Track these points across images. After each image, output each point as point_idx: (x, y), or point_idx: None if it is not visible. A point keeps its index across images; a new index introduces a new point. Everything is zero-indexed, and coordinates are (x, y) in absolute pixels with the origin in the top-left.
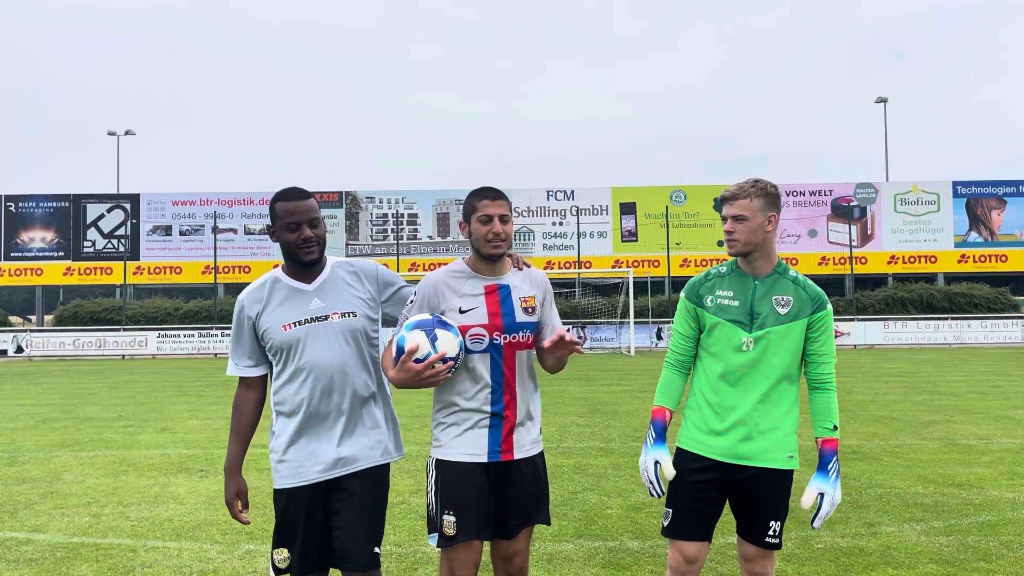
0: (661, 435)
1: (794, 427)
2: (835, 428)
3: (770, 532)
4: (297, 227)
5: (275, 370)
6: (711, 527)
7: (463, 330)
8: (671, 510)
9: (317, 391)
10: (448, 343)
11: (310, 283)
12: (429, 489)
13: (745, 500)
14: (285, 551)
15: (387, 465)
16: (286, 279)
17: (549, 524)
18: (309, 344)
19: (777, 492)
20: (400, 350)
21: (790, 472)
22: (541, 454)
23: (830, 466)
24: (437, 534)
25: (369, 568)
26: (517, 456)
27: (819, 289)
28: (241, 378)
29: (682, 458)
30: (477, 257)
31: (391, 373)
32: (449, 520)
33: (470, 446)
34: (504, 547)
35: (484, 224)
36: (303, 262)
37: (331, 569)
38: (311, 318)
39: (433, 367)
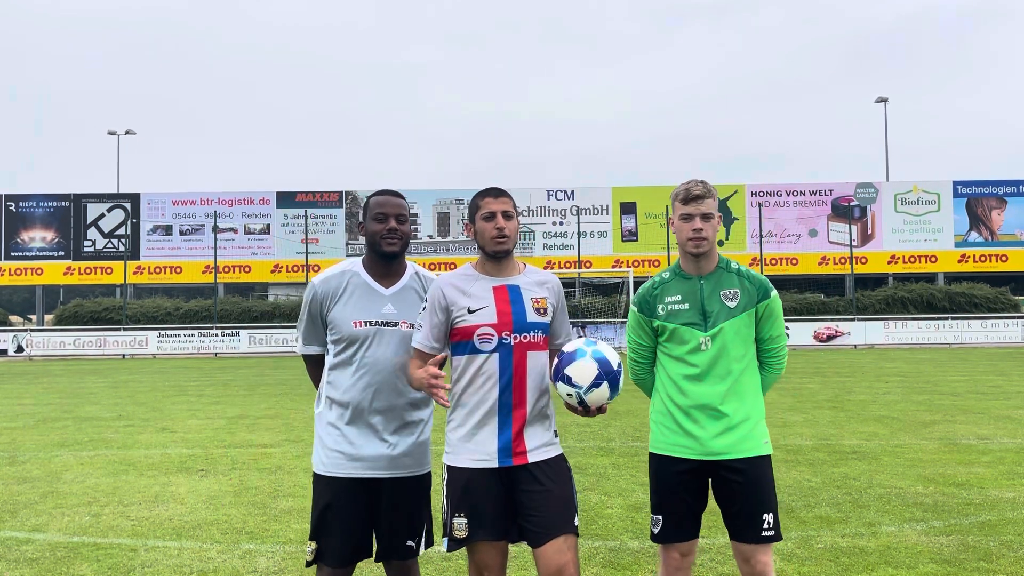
0: None
1: (762, 412)
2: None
3: (764, 525)
4: (384, 218)
5: (334, 352)
6: (699, 522)
7: (471, 330)
8: (660, 517)
9: (372, 389)
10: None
11: (387, 287)
12: (442, 494)
13: (733, 495)
14: (313, 544)
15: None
16: (364, 275)
17: (577, 535)
18: (374, 345)
19: (762, 479)
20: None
21: (768, 458)
22: (559, 457)
23: None
24: (447, 538)
25: (407, 558)
26: (531, 460)
27: (763, 278)
28: (314, 355)
29: (662, 464)
30: (484, 258)
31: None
32: (460, 522)
33: (478, 450)
34: (543, 559)
35: (487, 221)
36: (383, 252)
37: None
38: (382, 321)
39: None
